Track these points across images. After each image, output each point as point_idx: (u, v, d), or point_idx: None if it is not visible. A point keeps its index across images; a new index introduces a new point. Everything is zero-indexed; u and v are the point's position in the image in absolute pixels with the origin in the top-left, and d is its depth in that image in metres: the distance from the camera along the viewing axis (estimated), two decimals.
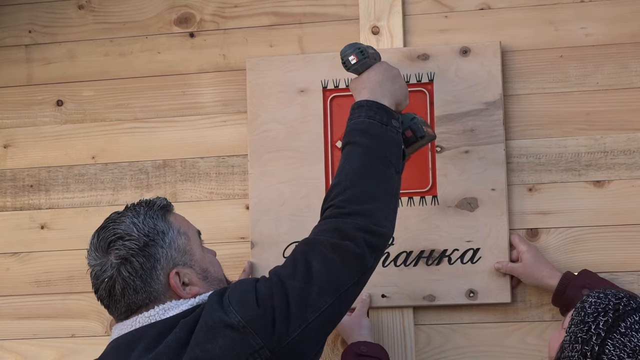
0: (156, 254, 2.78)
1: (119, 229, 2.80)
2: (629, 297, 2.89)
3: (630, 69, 3.50)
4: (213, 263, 2.99)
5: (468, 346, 3.48)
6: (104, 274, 2.77)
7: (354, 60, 3.16)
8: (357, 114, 3.02)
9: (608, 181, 3.50)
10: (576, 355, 2.82)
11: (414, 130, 3.17)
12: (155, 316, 2.78)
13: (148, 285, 2.77)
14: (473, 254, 3.51)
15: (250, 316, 2.64)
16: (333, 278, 2.76)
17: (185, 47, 3.79)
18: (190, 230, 2.93)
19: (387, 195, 2.91)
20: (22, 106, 3.86)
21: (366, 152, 2.94)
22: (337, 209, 2.83)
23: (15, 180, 3.84)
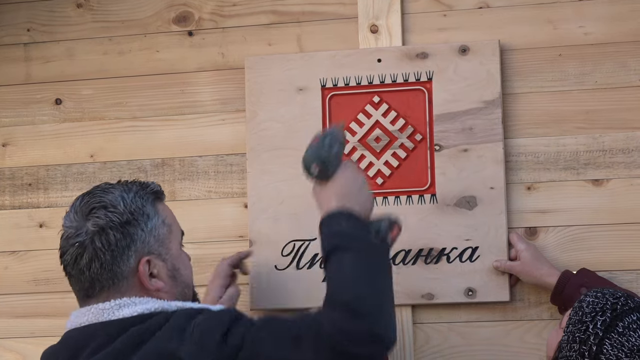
0: (134, 234, 2.73)
1: (106, 199, 2.75)
2: (627, 297, 2.95)
3: (629, 68, 3.52)
4: (186, 266, 2.94)
5: (466, 345, 3.50)
6: (76, 237, 2.70)
7: (316, 169, 2.95)
8: (335, 222, 2.80)
9: (607, 180, 3.51)
10: (574, 355, 2.88)
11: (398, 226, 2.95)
12: (109, 311, 2.70)
13: (116, 264, 2.71)
14: (472, 252, 3.52)
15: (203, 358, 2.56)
16: None
17: (184, 46, 3.80)
18: (174, 225, 2.90)
19: (390, 296, 2.73)
20: (20, 105, 3.88)
21: (367, 257, 2.72)
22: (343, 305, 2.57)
23: (14, 178, 3.86)
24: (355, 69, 3.63)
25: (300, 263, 3.62)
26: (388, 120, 3.59)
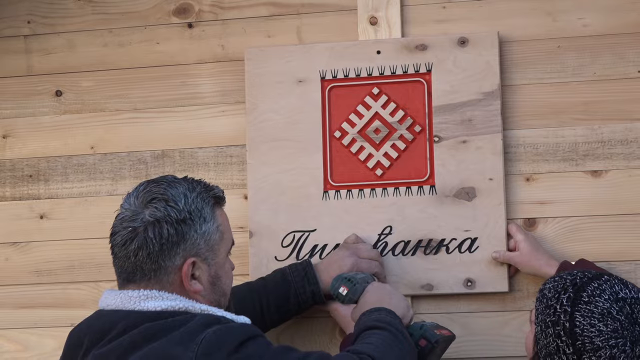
0: (187, 233, 2.75)
1: (169, 192, 2.78)
2: (583, 271, 3.05)
3: (628, 59, 3.54)
4: (228, 275, 2.95)
5: (466, 335, 3.49)
6: (131, 222, 2.74)
7: (345, 291, 3.22)
8: (377, 314, 3.01)
9: (605, 171, 3.53)
10: (551, 339, 2.93)
11: (427, 338, 3.11)
12: (135, 300, 2.73)
13: (162, 258, 2.73)
14: (471, 243, 3.54)
15: None
16: None
17: (184, 38, 3.81)
18: (227, 234, 2.91)
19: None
20: (21, 96, 3.89)
21: (398, 338, 2.90)
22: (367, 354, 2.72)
23: (15, 170, 3.87)
24: (354, 60, 3.63)
25: (300, 254, 3.63)
26: (387, 112, 3.60)
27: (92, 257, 3.75)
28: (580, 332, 2.89)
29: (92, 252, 3.76)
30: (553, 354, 2.96)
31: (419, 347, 3.07)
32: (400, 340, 2.88)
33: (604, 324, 2.87)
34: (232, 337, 2.61)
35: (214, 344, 2.58)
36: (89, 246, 3.77)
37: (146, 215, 2.73)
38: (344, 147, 3.63)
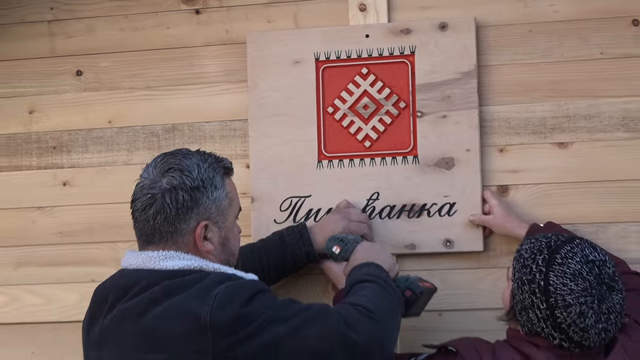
0: (200, 199, 2.74)
1: (184, 163, 2.76)
2: (557, 235, 3.01)
3: (592, 43, 3.49)
4: (236, 238, 2.94)
5: (445, 289, 3.44)
6: (150, 189, 2.73)
7: (338, 250, 3.20)
8: (367, 269, 2.98)
9: (571, 143, 3.48)
10: (526, 295, 2.90)
11: (412, 289, 3.08)
12: (155, 260, 2.72)
13: (178, 221, 2.72)
14: (450, 207, 3.50)
15: (219, 320, 2.55)
16: (315, 348, 2.65)
17: (192, 23, 3.74)
18: (235, 201, 2.90)
19: (396, 321, 2.88)
20: (45, 76, 3.81)
21: (387, 290, 2.89)
22: (358, 304, 2.73)
23: (40, 142, 3.80)
24: (345, 43, 3.58)
25: (296, 217, 3.59)
26: (375, 90, 3.55)
27: (109, 220, 3.70)
28: (553, 290, 2.86)
29: (109, 216, 3.70)
30: (528, 308, 2.92)
31: (404, 297, 3.04)
32: (389, 291, 2.87)
33: (575, 284, 2.84)
34: (243, 291, 2.62)
35: (227, 298, 2.57)
36: (107, 210, 3.71)
37: (163, 183, 2.72)
38: (336, 121, 3.58)
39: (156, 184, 2.74)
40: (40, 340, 3.71)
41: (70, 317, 3.66)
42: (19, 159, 3.81)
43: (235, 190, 2.93)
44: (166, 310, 2.60)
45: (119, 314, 2.68)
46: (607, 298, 2.84)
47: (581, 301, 2.81)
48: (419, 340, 3.39)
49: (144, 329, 2.62)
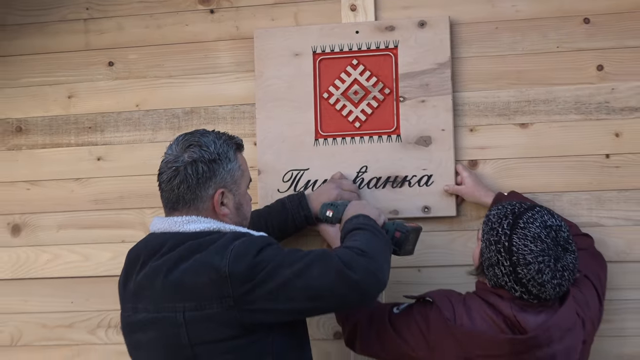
0: (217, 170, 2.78)
1: (202, 140, 2.81)
2: (520, 203, 3.03)
3: (550, 38, 3.48)
4: (248, 204, 2.97)
5: (423, 249, 3.40)
6: (174, 163, 2.78)
7: (331, 214, 3.22)
8: (357, 220, 2.99)
9: (531, 123, 3.48)
10: (493, 254, 2.92)
11: (400, 230, 3.12)
12: (179, 224, 2.78)
13: (199, 189, 2.77)
14: (427, 179, 3.49)
15: (237, 268, 2.60)
16: (318, 287, 2.66)
17: (207, 21, 3.71)
18: (246, 172, 2.94)
19: (388, 260, 2.86)
20: (82, 66, 3.79)
21: (377, 235, 2.89)
22: (354, 247, 2.73)
23: (77, 123, 3.78)
24: (338, 38, 3.57)
25: (296, 187, 3.59)
26: (364, 78, 3.54)
27: (137, 189, 3.70)
28: (516, 250, 2.89)
29: (137, 186, 3.70)
30: (494, 265, 2.95)
31: (395, 239, 3.09)
32: (377, 234, 2.89)
33: (534, 245, 2.88)
34: (254, 245, 2.68)
35: (241, 252, 2.64)
36: (134, 181, 3.70)
37: (185, 158, 2.77)
38: (330, 105, 3.56)
39: (179, 158, 2.78)
40: (78, 292, 3.71)
41: (104, 272, 3.69)
42: (60, 138, 3.78)
43: (246, 163, 2.95)
44: (192, 265, 2.64)
45: (150, 271, 2.72)
46: (562, 258, 2.86)
47: (539, 260, 2.84)
48: (401, 292, 3.35)
49: (173, 282, 2.65)
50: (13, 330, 3.77)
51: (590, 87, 3.43)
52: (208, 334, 2.64)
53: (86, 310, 3.72)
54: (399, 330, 3.01)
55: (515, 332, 2.88)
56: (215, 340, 2.65)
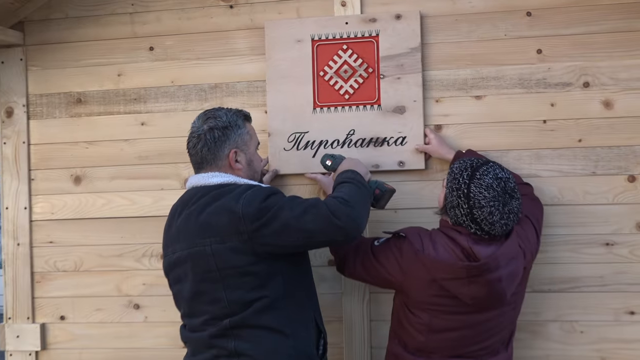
0: (229, 134, 2.88)
1: (217, 113, 2.91)
2: (477, 159, 3.03)
3: (499, 28, 3.42)
4: (258, 161, 3.03)
5: (399, 194, 3.39)
6: (198, 131, 2.88)
7: (329, 163, 3.23)
8: (347, 174, 2.99)
9: (484, 96, 3.42)
10: (454, 198, 2.94)
11: (379, 188, 3.17)
12: (205, 179, 2.86)
13: (216, 149, 2.86)
14: (402, 140, 3.46)
15: (248, 210, 2.66)
16: (311, 229, 2.70)
17: (227, 14, 3.63)
18: (254, 136, 3.02)
19: (367, 210, 2.88)
20: (128, 50, 3.73)
21: (362, 189, 2.90)
22: (341, 197, 2.76)
23: (125, 95, 3.73)
24: (332, 28, 3.52)
25: (299, 146, 3.54)
26: (352, 60, 3.49)
27: (172, 148, 3.64)
28: (472, 196, 2.92)
29: (172, 145, 3.64)
30: (455, 207, 2.97)
31: (374, 195, 3.15)
32: (361, 188, 2.91)
33: (487, 192, 2.90)
34: (262, 193, 2.75)
35: (252, 197, 2.71)
36: (170, 141, 3.65)
37: (205, 127, 2.88)
38: (325, 81, 3.52)
39: (200, 128, 2.88)
40: (126, 229, 3.69)
41: (147, 214, 3.69)
42: (111, 107, 3.72)
43: (254, 130, 3.02)
44: (215, 209, 2.71)
45: (185, 216, 2.79)
46: (509, 203, 2.89)
47: (491, 204, 2.87)
48: (380, 228, 3.38)
49: (202, 222, 2.72)
50: (76, 259, 3.75)
51: (531, 67, 3.38)
52: (230, 261, 2.69)
53: (133, 243, 3.69)
54: (379, 258, 3.03)
55: (470, 260, 2.89)
56: (236, 266, 2.70)
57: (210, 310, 2.75)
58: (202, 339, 2.78)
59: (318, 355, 2.89)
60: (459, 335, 2.94)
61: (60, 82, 3.80)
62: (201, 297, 2.77)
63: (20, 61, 3.80)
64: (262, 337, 2.71)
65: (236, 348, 2.71)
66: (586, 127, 3.33)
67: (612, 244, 3.31)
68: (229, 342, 2.71)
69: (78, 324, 3.76)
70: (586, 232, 3.34)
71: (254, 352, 2.70)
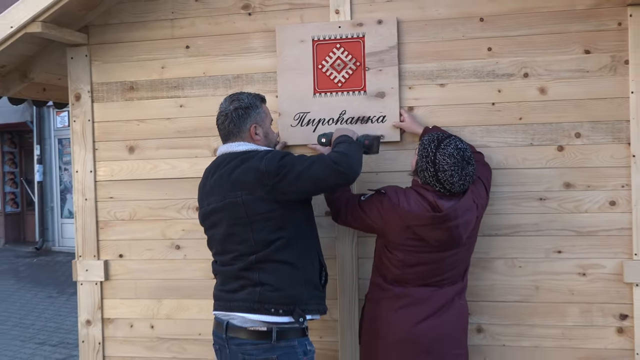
0: (250, 113, 2.90)
1: (239, 97, 2.93)
2: (442, 133, 3.04)
3: (458, 30, 3.36)
4: (272, 134, 3.05)
5: (381, 161, 3.39)
6: (225, 111, 2.90)
7: (324, 140, 3.17)
8: (340, 138, 3.00)
9: (447, 84, 3.37)
10: (423, 163, 2.96)
11: (368, 138, 3.12)
12: (233, 147, 2.88)
13: (240, 124, 2.88)
14: (382, 118, 3.40)
15: (270, 168, 2.72)
16: (319, 176, 2.75)
17: (247, 20, 3.58)
18: (269, 115, 3.03)
19: (360, 158, 2.89)
20: (168, 49, 3.68)
21: (353, 144, 2.92)
22: (339, 151, 2.80)
23: (167, 84, 3.69)
24: (328, 31, 3.46)
25: (302, 123, 3.48)
26: (344, 56, 3.43)
27: (204, 124, 3.59)
28: (438, 162, 2.95)
29: (204, 123, 3.60)
30: (424, 170, 2.99)
31: (365, 145, 3.11)
32: (353, 144, 2.94)
33: (449, 159, 2.94)
34: (278, 155, 2.79)
35: (271, 158, 2.76)
36: (203, 120, 3.61)
37: (231, 108, 2.91)
38: (323, 72, 3.46)
39: (227, 109, 2.91)
40: (169, 187, 3.66)
41: (185, 176, 3.65)
42: (157, 93, 3.68)
43: (268, 110, 3.05)
44: (243, 169, 2.76)
45: (217, 176, 2.83)
46: (466, 168, 2.92)
47: (452, 169, 2.90)
48: (366, 187, 3.37)
49: (233, 179, 2.77)
50: (131, 210, 3.76)
51: (483, 61, 3.33)
52: (257, 209, 2.75)
53: (174, 198, 3.68)
54: (365, 210, 3.04)
55: (435, 211, 2.91)
56: (261, 212, 2.76)
57: (239, 249, 2.79)
58: (231, 271, 2.82)
59: (321, 284, 2.93)
60: (426, 268, 2.97)
61: (117, 73, 3.77)
62: (232, 238, 2.80)
63: (85, 57, 3.78)
64: (280, 269, 2.76)
65: (260, 278, 2.75)
66: (525, 108, 3.30)
67: (544, 199, 3.30)
68: (254, 274, 2.75)
69: (133, 261, 3.79)
70: (524, 190, 3.33)
71: (274, 282, 2.74)
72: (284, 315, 2.73)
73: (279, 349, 2.70)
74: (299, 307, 2.75)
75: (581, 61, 3.22)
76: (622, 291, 3.18)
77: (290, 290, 2.76)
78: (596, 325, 3.23)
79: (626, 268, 3.16)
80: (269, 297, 2.73)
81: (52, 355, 6.62)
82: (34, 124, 14.84)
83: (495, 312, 3.34)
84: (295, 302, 2.76)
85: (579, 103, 3.24)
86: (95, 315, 3.79)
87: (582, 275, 3.25)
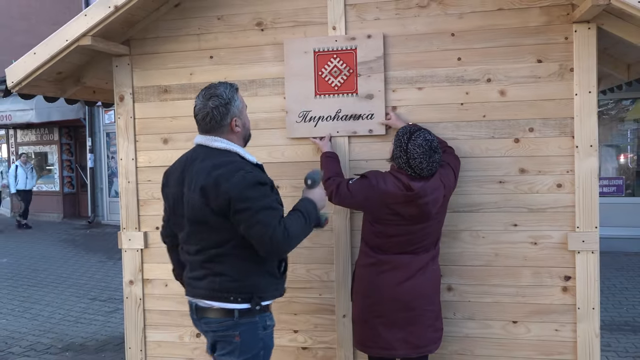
0: (230, 108, 2.62)
1: (217, 91, 2.63)
2: (414, 126, 3.07)
3: (433, 44, 3.47)
4: (248, 122, 2.78)
5: (369, 150, 3.53)
6: (204, 109, 2.62)
7: (310, 182, 2.78)
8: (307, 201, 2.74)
9: (424, 87, 3.49)
10: (398, 152, 3.01)
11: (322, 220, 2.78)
12: (209, 141, 2.63)
13: (221, 121, 2.62)
14: (371, 116, 3.52)
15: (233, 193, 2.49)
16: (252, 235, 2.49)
17: (260, 35, 3.71)
18: (244, 104, 2.72)
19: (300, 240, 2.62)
20: (196, 58, 3.81)
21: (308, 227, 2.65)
22: (287, 234, 2.50)
23: (195, 87, 3.79)
24: (327, 44, 3.57)
25: (305, 120, 3.61)
26: (339, 64, 3.56)
27: None
28: (409, 151, 3.00)
29: None
30: (398, 157, 3.04)
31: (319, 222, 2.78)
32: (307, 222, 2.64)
33: (419, 149, 2.98)
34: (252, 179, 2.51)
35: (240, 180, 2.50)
36: None
37: (209, 104, 2.61)
38: (322, 78, 3.59)
39: (206, 105, 2.61)
40: None
41: None
42: (186, 95, 3.81)
43: (242, 97, 2.73)
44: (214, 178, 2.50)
45: (194, 168, 2.59)
46: (433, 156, 2.97)
47: (421, 157, 2.96)
48: (354, 171, 3.46)
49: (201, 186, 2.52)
50: None
51: (454, 69, 3.43)
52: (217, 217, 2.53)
53: None
54: (352, 191, 3.10)
55: (408, 190, 2.98)
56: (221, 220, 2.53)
57: (202, 244, 2.60)
58: (196, 261, 2.64)
59: (279, 273, 2.69)
60: (403, 239, 3.05)
61: (154, 78, 3.85)
62: (195, 235, 2.61)
63: (127, 65, 3.87)
64: (239, 262, 2.57)
65: (220, 270, 2.57)
66: (488, 107, 3.39)
67: (503, 182, 3.40)
68: (215, 266, 2.58)
69: None
70: (487, 174, 3.41)
71: (233, 273, 2.57)
72: (242, 303, 2.56)
73: (240, 325, 2.56)
74: (256, 295, 2.57)
75: (534, 69, 3.30)
76: (567, 257, 3.31)
77: (249, 281, 2.57)
78: (545, 285, 3.34)
79: (570, 238, 3.28)
80: (228, 287, 2.55)
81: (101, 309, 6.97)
82: (86, 120, 15.42)
83: (463, 274, 3.44)
84: (253, 291, 2.57)
85: (532, 103, 3.32)
86: (137, 277, 3.88)
87: (534, 244, 3.36)
